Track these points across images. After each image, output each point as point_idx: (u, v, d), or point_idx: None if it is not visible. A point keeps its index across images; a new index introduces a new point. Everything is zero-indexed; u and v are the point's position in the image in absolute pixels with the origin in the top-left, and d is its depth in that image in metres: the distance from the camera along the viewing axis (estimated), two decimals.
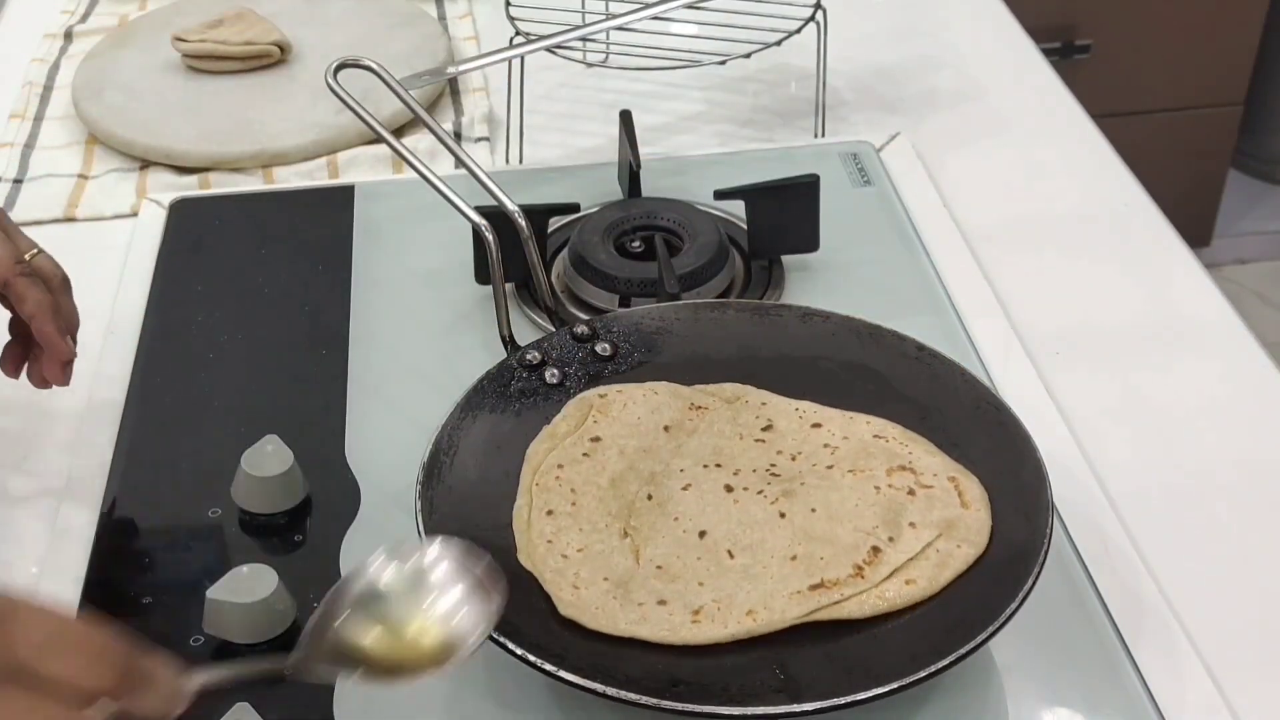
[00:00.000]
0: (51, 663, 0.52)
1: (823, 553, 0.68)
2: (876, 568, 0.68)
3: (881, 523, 0.70)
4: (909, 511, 0.70)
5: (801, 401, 0.78)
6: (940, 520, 0.70)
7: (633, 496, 0.73)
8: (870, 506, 0.71)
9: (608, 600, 0.67)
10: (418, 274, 0.98)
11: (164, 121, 1.14)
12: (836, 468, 0.73)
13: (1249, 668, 0.71)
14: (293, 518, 0.78)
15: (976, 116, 1.17)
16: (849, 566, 0.68)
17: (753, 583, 0.67)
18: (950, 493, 0.71)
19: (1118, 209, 1.06)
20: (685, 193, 1.01)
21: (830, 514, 0.71)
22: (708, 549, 0.70)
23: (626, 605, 0.67)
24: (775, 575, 0.68)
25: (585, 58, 1.16)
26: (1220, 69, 2.22)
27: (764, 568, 0.68)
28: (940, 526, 0.69)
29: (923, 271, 0.97)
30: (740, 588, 0.67)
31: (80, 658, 0.52)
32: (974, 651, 0.62)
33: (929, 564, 0.68)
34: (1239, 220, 2.52)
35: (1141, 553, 0.76)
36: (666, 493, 0.73)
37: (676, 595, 0.67)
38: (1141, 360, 0.91)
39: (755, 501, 0.72)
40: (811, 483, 0.72)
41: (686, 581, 0.68)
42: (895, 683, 0.61)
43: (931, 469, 0.73)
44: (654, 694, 0.61)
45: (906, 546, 0.69)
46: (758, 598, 0.67)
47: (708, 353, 0.82)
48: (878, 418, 0.77)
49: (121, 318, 0.95)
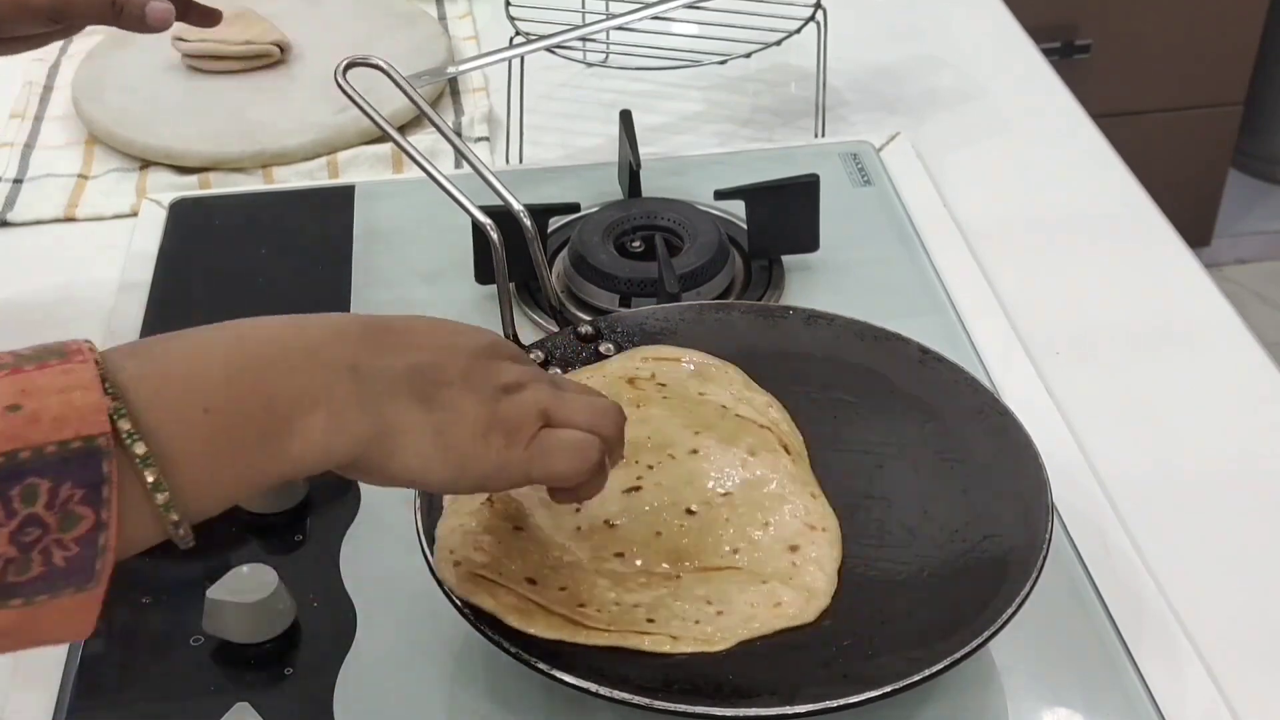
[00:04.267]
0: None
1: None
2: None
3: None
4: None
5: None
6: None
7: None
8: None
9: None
10: (418, 274, 0.98)
11: (164, 121, 1.14)
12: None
13: (1249, 668, 0.71)
14: (293, 518, 0.78)
15: (976, 116, 1.17)
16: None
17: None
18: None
19: (1118, 209, 1.06)
20: (685, 193, 1.01)
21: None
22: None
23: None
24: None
25: (585, 58, 1.16)
26: (1220, 69, 2.22)
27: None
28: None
29: (923, 271, 0.97)
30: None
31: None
32: (971, 654, 0.62)
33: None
34: (1239, 220, 2.52)
35: (1141, 553, 0.76)
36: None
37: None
38: (1141, 360, 0.91)
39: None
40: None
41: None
42: (891, 685, 0.61)
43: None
44: (648, 694, 0.61)
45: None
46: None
47: (711, 354, 0.82)
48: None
49: (121, 318, 0.95)
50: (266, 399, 0.54)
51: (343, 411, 0.56)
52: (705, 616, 0.66)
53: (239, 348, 0.55)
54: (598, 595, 0.66)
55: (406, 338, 0.60)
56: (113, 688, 0.70)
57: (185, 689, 0.69)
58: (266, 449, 0.54)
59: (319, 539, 0.77)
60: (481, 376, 0.60)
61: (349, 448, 0.56)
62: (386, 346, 0.59)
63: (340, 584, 0.74)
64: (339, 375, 0.56)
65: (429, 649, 0.71)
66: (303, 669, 0.70)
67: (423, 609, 0.70)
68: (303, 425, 0.55)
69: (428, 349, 0.60)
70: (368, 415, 0.56)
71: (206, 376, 0.54)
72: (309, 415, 0.55)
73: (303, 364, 0.56)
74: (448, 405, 0.59)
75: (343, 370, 0.56)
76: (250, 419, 0.54)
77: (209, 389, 0.53)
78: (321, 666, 0.70)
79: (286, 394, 0.55)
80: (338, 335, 0.58)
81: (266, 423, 0.54)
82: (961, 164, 1.10)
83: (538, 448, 0.61)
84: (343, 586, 0.74)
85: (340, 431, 0.56)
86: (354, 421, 0.56)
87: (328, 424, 0.55)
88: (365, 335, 0.58)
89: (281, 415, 0.54)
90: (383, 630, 0.72)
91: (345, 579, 0.74)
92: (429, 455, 0.58)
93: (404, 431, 0.57)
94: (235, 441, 0.53)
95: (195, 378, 0.54)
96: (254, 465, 0.54)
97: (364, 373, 0.57)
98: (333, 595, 0.73)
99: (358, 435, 0.56)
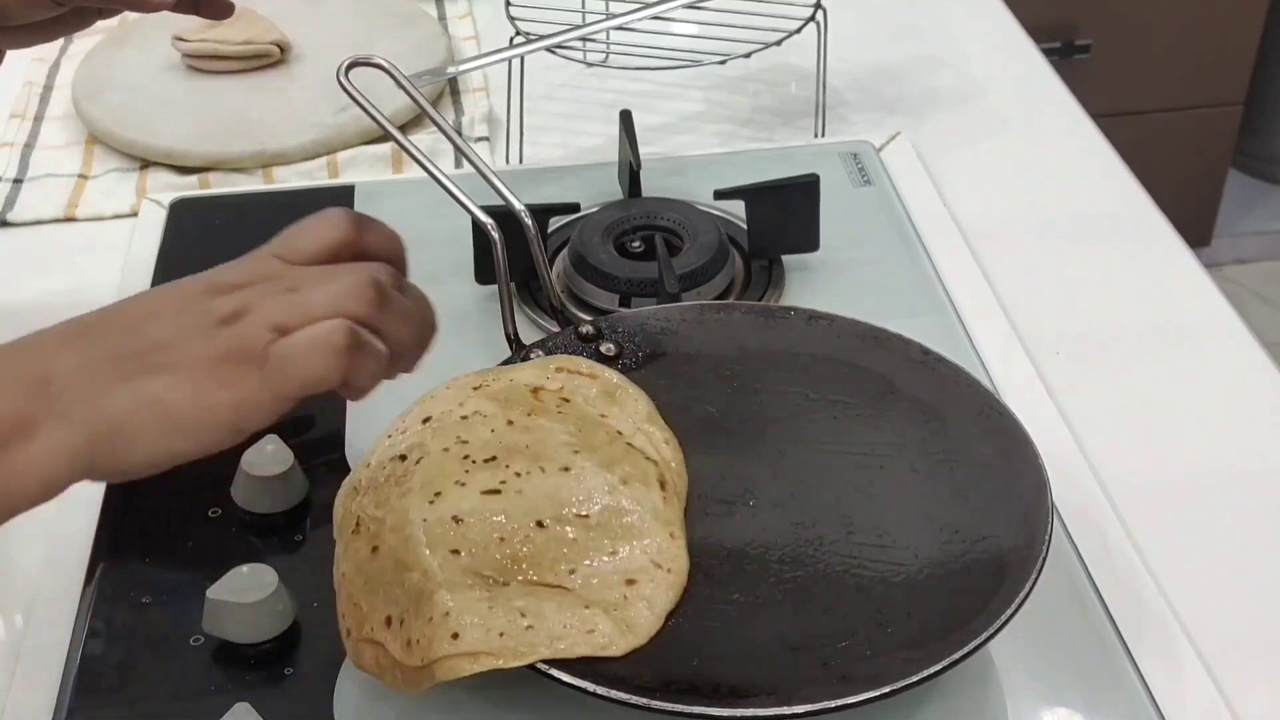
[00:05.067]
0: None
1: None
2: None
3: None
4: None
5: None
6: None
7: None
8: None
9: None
10: (417, 273, 0.97)
11: (164, 121, 1.14)
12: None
13: (1249, 668, 0.71)
14: (293, 518, 0.78)
15: (976, 116, 1.17)
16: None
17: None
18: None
19: (1118, 209, 1.06)
20: (685, 193, 1.01)
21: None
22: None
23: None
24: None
25: (585, 58, 1.16)
26: (1220, 69, 2.22)
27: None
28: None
29: (923, 271, 0.97)
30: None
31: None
32: (971, 654, 0.62)
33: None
34: (1239, 220, 2.52)
35: (1141, 553, 0.76)
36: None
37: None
38: (1141, 360, 0.91)
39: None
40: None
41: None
42: (889, 686, 0.61)
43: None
44: (646, 694, 0.61)
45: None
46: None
47: (712, 354, 0.82)
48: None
49: None
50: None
51: (46, 431, 0.52)
52: (513, 629, 0.63)
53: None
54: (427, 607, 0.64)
55: (114, 321, 0.57)
56: (113, 688, 0.70)
57: (185, 689, 0.69)
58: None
59: (319, 539, 0.77)
60: (194, 321, 0.57)
61: (69, 464, 0.53)
62: (89, 339, 0.55)
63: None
64: (32, 394, 0.53)
65: None
66: (303, 669, 0.70)
67: None
68: (6, 459, 0.51)
69: (131, 322, 0.57)
70: (74, 424, 0.53)
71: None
72: (9, 447, 0.52)
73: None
74: (162, 368, 0.56)
75: (35, 386, 0.53)
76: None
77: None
78: (321, 666, 0.70)
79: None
80: (28, 350, 0.55)
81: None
82: (961, 164, 1.10)
83: (273, 363, 0.58)
84: None
85: (51, 453, 0.52)
86: (60, 438, 0.53)
87: (33, 449, 0.52)
88: (63, 340, 0.55)
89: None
90: None
91: None
92: (161, 429, 0.55)
93: (124, 420, 0.54)
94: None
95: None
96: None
97: (59, 382, 0.54)
98: (333, 595, 0.73)
99: (73, 448, 0.53)
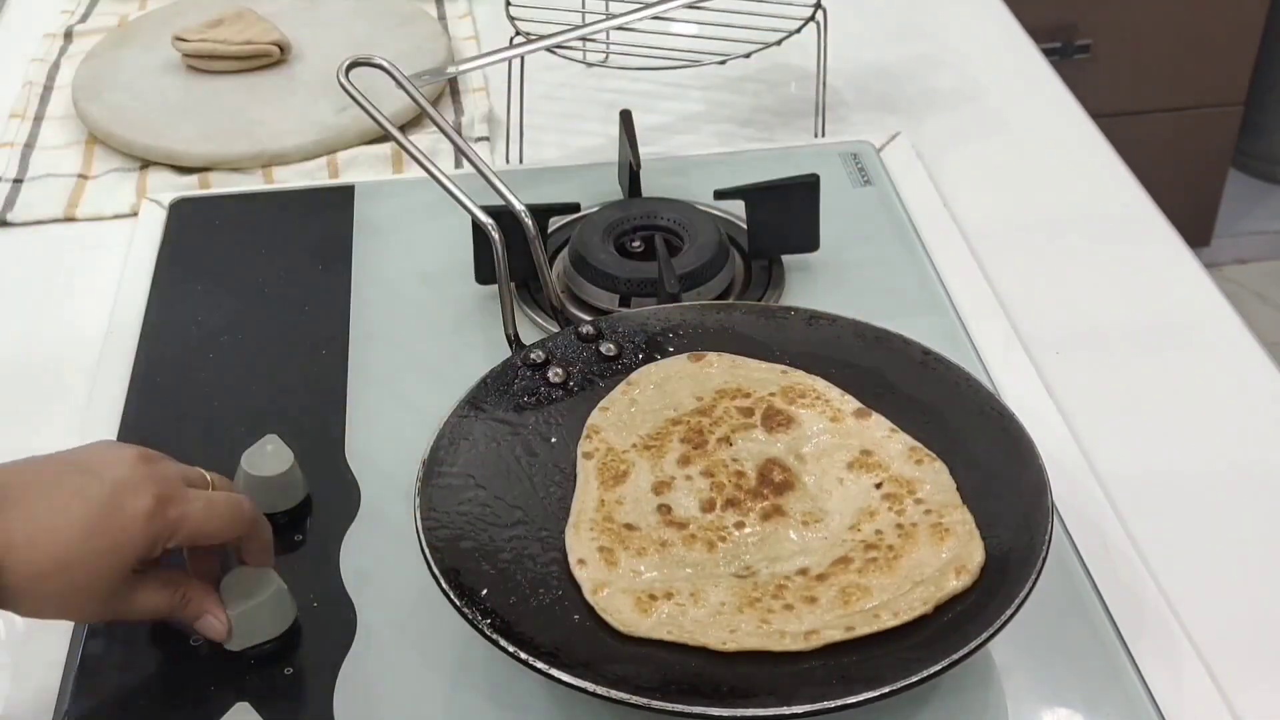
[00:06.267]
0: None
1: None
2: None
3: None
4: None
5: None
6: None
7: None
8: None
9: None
10: (418, 274, 0.98)
11: (164, 121, 1.14)
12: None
13: (1249, 668, 0.71)
14: (293, 518, 0.78)
15: (976, 116, 1.17)
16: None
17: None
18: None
19: (1118, 209, 1.06)
20: (685, 193, 1.01)
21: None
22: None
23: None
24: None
25: (585, 58, 1.16)
26: (1220, 69, 2.22)
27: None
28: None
29: (923, 271, 0.97)
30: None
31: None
32: (971, 654, 0.62)
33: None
34: (1239, 220, 2.52)
35: (1141, 553, 0.76)
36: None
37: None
38: (1141, 360, 0.91)
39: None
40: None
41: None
42: (889, 686, 0.61)
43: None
44: (646, 694, 0.61)
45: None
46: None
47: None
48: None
49: (121, 318, 0.95)
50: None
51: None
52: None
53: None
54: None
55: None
56: (113, 688, 0.70)
57: (185, 689, 0.69)
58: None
59: (319, 539, 0.77)
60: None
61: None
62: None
63: (340, 584, 0.74)
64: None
65: (429, 649, 0.71)
66: (303, 669, 0.70)
67: (423, 609, 0.70)
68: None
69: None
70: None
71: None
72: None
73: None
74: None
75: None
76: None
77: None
78: (321, 666, 0.70)
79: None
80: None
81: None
82: (961, 164, 1.10)
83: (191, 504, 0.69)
84: (343, 586, 0.74)
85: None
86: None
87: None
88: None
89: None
90: (382, 630, 0.72)
91: (345, 579, 0.74)
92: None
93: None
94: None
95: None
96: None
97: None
98: (333, 595, 0.74)
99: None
